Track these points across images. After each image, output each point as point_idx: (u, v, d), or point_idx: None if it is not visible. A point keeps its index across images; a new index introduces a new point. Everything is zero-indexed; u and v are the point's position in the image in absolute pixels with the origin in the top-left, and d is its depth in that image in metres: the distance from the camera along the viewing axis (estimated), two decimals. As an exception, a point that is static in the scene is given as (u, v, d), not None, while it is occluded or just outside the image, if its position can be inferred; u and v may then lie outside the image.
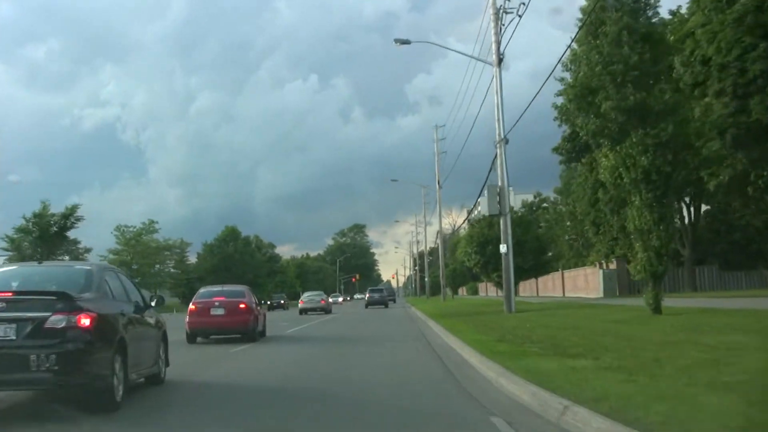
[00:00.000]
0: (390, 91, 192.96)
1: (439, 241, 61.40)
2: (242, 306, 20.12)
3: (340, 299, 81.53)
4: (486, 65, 26.07)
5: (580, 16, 31.75)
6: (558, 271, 51.47)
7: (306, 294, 44.74)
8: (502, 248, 25.65)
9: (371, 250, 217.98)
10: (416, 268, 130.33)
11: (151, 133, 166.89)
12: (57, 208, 51.41)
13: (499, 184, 25.81)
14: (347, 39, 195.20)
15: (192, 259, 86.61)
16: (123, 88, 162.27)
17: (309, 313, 42.37)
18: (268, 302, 54.94)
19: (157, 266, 79.41)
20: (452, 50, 25.94)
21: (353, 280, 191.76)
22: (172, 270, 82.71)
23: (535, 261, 33.16)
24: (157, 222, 74.07)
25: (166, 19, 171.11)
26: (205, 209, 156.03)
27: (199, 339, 19.91)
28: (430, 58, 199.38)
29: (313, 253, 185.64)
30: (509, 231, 25.66)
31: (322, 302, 42.28)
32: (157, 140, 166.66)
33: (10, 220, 71.43)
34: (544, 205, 59.84)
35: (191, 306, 20.57)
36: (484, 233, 33.29)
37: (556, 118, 33.86)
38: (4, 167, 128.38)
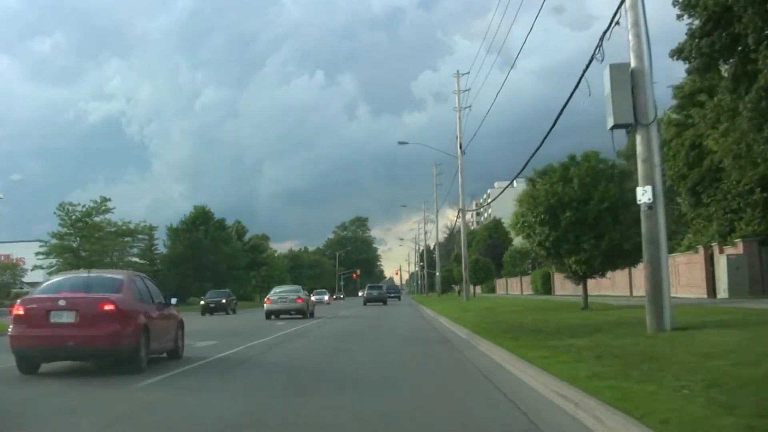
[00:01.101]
0: (396, 87, 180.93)
1: (460, 223, 47.93)
2: (108, 308, 10.60)
3: (326, 297, 63.32)
4: None
5: None
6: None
7: (275, 290, 31.42)
8: (642, 194, 12.33)
9: (374, 245, 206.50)
10: (421, 263, 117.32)
11: (156, 127, 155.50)
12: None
13: (633, 64, 12.47)
14: (353, 35, 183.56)
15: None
16: (128, 82, 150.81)
17: (281, 316, 29.22)
18: (201, 302, 40.90)
19: (116, 254, 66.03)
20: None
21: (354, 276, 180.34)
22: (135, 260, 69.41)
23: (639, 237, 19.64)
24: (110, 200, 60.54)
25: (171, 14, 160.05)
26: (209, 204, 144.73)
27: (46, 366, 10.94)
28: (436, 55, 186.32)
29: (312, 247, 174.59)
30: (656, 159, 12.35)
31: (299, 301, 29.00)
32: (161, 135, 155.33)
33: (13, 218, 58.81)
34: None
35: (17, 308, 11.16)
36: (556, 192, 19.98)
37: (676, 3, 20.60)
38: (8, 162, 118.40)
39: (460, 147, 43.88)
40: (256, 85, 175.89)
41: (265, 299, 29.65)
